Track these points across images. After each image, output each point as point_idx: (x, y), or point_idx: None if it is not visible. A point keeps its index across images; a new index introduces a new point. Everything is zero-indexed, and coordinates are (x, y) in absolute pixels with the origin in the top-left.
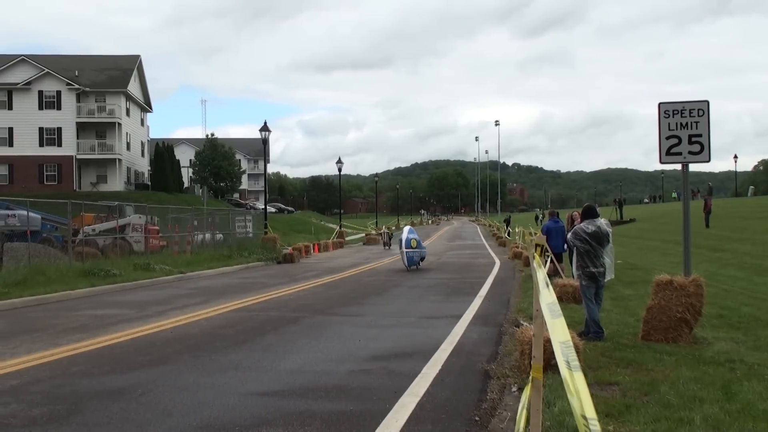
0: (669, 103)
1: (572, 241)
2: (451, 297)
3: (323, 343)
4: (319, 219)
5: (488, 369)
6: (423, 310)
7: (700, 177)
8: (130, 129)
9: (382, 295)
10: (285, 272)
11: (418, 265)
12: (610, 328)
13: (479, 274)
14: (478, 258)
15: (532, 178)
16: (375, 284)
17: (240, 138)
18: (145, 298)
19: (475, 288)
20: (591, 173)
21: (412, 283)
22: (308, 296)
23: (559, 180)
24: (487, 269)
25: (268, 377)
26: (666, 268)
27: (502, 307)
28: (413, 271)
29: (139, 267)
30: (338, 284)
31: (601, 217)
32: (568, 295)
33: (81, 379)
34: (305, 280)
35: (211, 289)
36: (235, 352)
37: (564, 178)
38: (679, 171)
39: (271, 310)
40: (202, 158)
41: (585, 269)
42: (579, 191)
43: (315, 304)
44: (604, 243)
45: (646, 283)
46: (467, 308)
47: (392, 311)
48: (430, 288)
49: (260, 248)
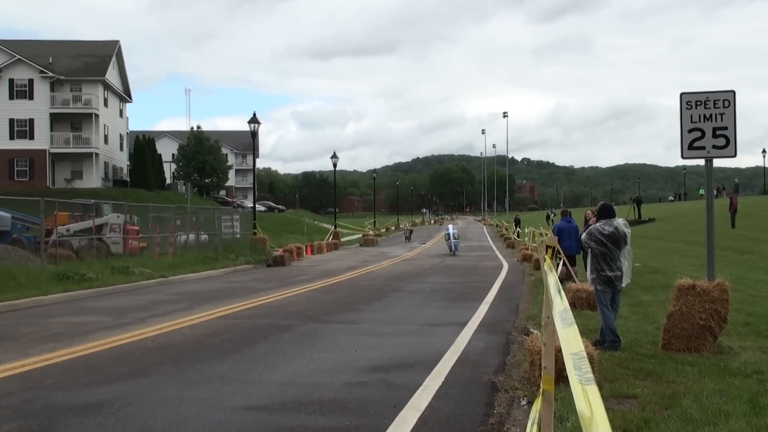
0: (691, 94)
1: (587, 242)
2: (455, 303)
3: (317, 353)
4: (312, 218)
5: (495, 381)
6: (425, 317)
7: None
8: (108, 121)
9: (380, 301)
10: (275, 276)
11: (457, 250)
12: (628, 336)
13: (486, 278)
14: (484, 260)
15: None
16: (373, 289)
17: (228, 131)
18: (124, 304)
19: (481, 293)
20: (607, 169)
21: (414, 288)
22: (301, 302)
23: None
24: (495, 273)
25: (257, 390)
26: (688, 272)
27: (510, 313)
28: (415, 275)
29: (118, 270)
30: (333, 289)
31: (618, 216)
32: (582, 300)
33: (55, 392)
34: (297, 284)
35: (195, 294)
36: (222, 362)
37: (578, 175)
38: (702, 167)
39: (260, 317)
40: (186, 152)
41: (600, 273)
42: (594, 188)
43: (308, 311)
44: (621, 245)
45: (667, 288)
46: (473, 315)
47: (392, 318)
48: (433, 293)
49: (248, 250)
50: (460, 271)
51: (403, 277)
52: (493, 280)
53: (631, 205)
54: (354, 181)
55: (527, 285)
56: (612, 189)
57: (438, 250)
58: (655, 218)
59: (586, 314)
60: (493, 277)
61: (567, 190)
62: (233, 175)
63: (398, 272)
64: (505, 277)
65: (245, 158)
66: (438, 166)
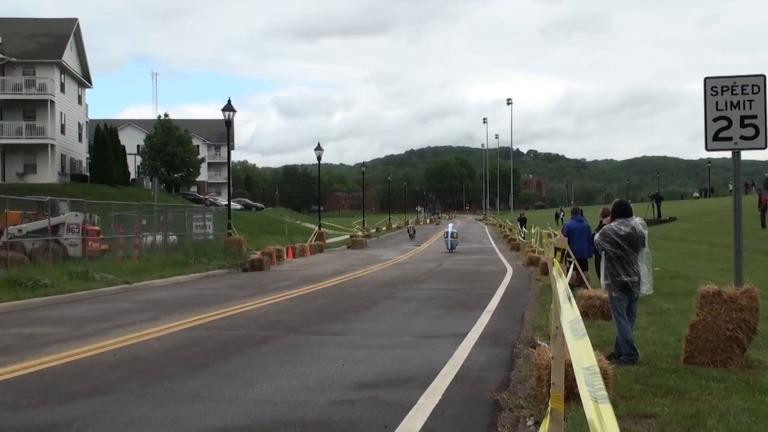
0: (717, 78)
1: (600, 244)
2: (453, 311)
3: (299, 368)
4: (293, 217)
5: (498, 398)
6: (420, 328)
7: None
8: (65, 108)
9: (370, 310)
10: (253, 282)
11: (454, 249)
12: (646, 349)
13: (487, 284)
14: (486, 264)
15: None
16: (362, 296)
17: (200, 119)
18: (83, 314)
19: (482, 301)
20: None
21: (407, 295)
22: (281, 311)
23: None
24: (497, 278)
25: (233, 409)
26: (713, 277)
27: (515, 323)
28: (409, 281)
29: (76, 276)
30: (317, 296)
31: (635, 215)
32: (595, 309)
33: (4, 413)
34: (277, 291)
35: (162, 302)
36: (193, 378)
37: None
38: (728, 159)
39: (235, 327)
40: (153, 144)
41: (615, 278)
42: (608, 184)
43: (289, 321)
44: (638, 247)
45: (690, 295)
46: (473, 325)
47: (383, 329)
48: (429, 301)
49: (223, 253)
50: (458, 277)
51: (395, 283)
52: (495, 286)
53: (650, 203)
54: (341, 175)
55: (534, 292)
56: (628, 184)
57: (434, 253)
58: (677, 217)
59: (599, 324)
60: (495, 283)
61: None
62: (205, 170)
63: (390, 278)
64: (509, 283)
65: (219, 150)
66: (435, 159)
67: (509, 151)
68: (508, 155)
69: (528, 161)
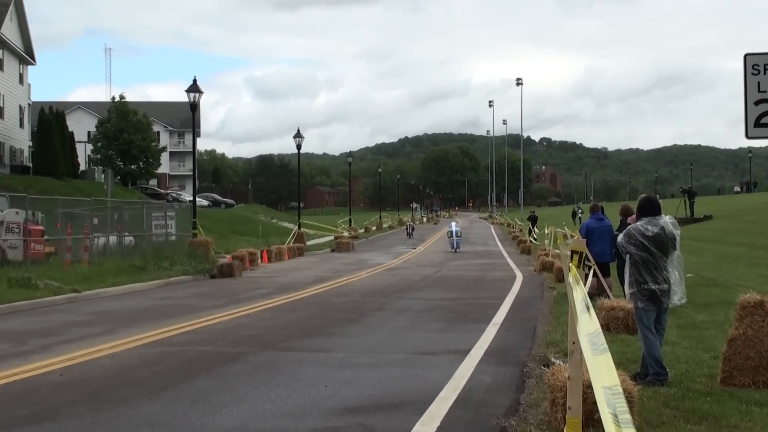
0: (760, 55)
1: (625, 246)
2: (454, 324)
3: (275, 390)
4: (269, 215)
5: (506, 425)
6: (416, 343)
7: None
8: (3, 88)
9: (358, 323)
10: (222, 290)
11: (458, 249)
12: (677, 368)
13: (494, 293)
14: (492, 270)
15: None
16: (348, 307)
17: (161, 102)
18: (25, 327)
19: (487, 312)
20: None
21: (401, 306)
22: (255, 324)
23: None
24: (505, 286)
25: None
26: (755, 285)
27: (525, 338)
28: (403, 289)
29: (16, 283)
30: (297, 307)
31: (665, 213)
32: (618, 321)
33: None
34: (251, 301)
35: (117, 314)
36: (152, 402)
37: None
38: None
39: (202, 343)
40: (107, 130)
41: (642, 286)
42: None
43: (264, 335)
44: (668, 250)
45: (727, 306)
46: (477, 340)
47: (373, 345)
48: (426, 312)
49: (187, 257)
50: (460, 284)
51: (386, 291)
52: (503, 295)
53: (682, 199)
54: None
55: (547, 302)
56: (657, 178)
57: (432, 257)
58: (713, 215)
59: (622, 339)
60: (503, 292)
61: (599, 179)
62: (167, 160)
63: (381, 285)
64: (519, 292)
65: (183, 138)
66: (433, 148)
67: (519, 139)
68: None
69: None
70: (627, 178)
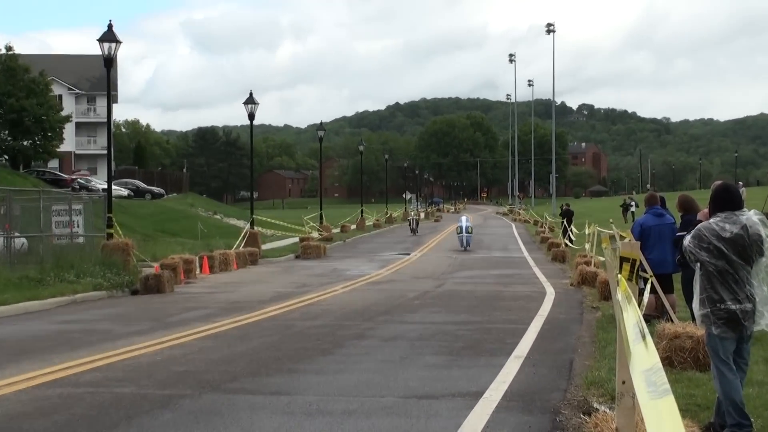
0: None
1: (693, 251)
2: (462, 357)
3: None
4: (211, 209)
5: None
6: (410, 383)
7: None
8: None
9: (331, 355)
10: (147, 311)
11: (469, 247)
12: (765, 416)
13: (516, 315)
14: (513, 283)
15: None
16: (318, 334)
17: (64, 55)
18: None
19: (507, 341)
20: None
21: (390, 332)
22: (192, 357)
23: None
24: (531, 305)
25: None
26: None
27: (558, 377)
28: (392, 310)
29: None
30: (248, 334)
31: (748, 207)
32: (684, 353)
33: None
34: (186, 325)
35: (4, 344)
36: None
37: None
38: None
39: (120, 383)
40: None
41: (717, 305)
42: (706, 157)
43: (205, 372)
44: (752, 256)
45: None
46: (493, 379)
47: (351, 385)
48: (424, 341)
49: (100, 266)
50: (470, 303)
51: (370, 312)
52: (528, 317)
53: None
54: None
55: (588, 326)
56: (738, 158)
57: (432, 265)
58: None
59: (690, 377)
60: (528, 313)
61: (658, 161)
62: (72, 134)
63: (363, 305)
64: (550, 313)
65: (94, 104)
66: (434, 119)
67: (550, 106)
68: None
69: (580, 122)
70: (697, 159)
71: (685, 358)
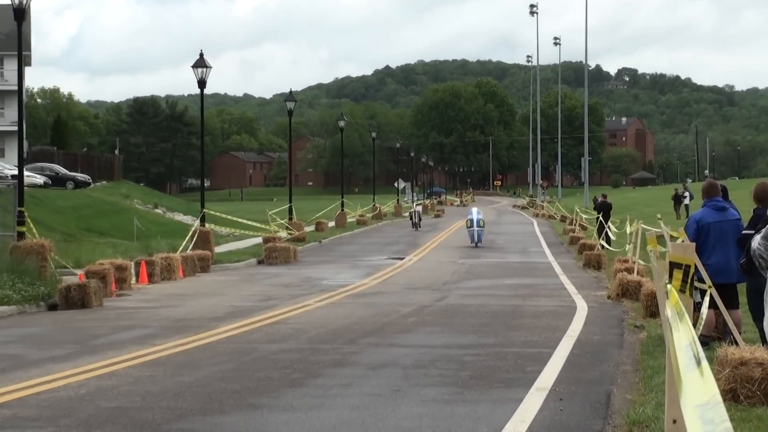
0: None
1: (765, 255)
2: (469, 390)
3: None
4: (151, 201)
5: None
6: (403, 424)
7: None
8: None
9: (304, 387)
10: (70, 331)
11: (480, 242)
12: None
13: (538, 336)
14: (534, 296)
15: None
16: (286, 361)
17: None
18: None
19: (527, 369)
20: None
21: (378, 358)
22: (125, 389)
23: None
24: (558, 323)
25: None
26: None
27: (592, 414)
28: (380, 330)
29: None
30: (198, 360)
31: None
32: (751, 384)
33: None
34: (117, 349)
35: None
36: None
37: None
38: None
39: (34, 422)
40: None
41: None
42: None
43: (142, 409)
44: None
45: None
46: (510, 417)
47: (329, 426)
48: (421, 369)
49: (8, 273)
50: (480, 320)
51: (353, 333)
52: (554, 339)
53: None
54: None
55: (630, 350)
56: None
57: (433, 273)
58: None
59: (760, 415)
60: (554, 333)
61: (719, 141)
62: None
63: (343, 323)
64: (582, 334)
65: (1, 67)
66: (434, 86)
67: (581, 71)
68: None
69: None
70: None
71: (753, 391)
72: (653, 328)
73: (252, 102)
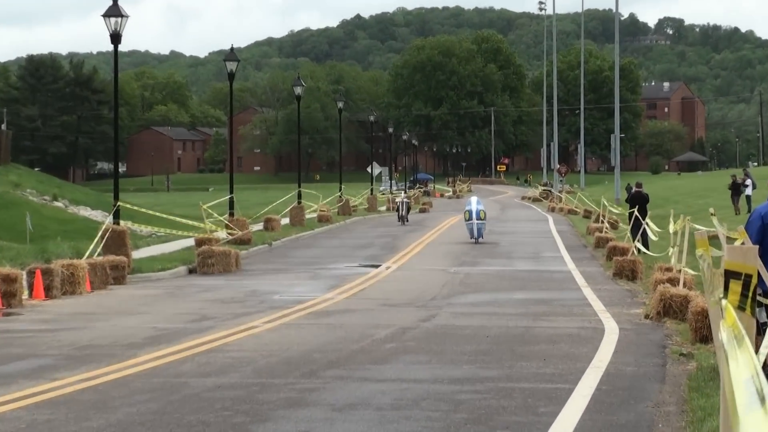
0: None
1: None
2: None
3: None
4: (48, 191)
5: None
6: None
7: None
8: None
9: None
10: None
11: (481, 238)
12: None
13: (554, 367)
14: (549, 315)
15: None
16: (229, 399)
17: None
18: None
19: (540, 410)
20: None
21: (345, 396)
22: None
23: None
24: (580, 350)
25: None
26: None
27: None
28: (348, 360)
29: None
30: (111, 398)
31: None
32: None
33: None
34: (4, 385)
35: None
36: None
37: None
38: None
39: None
40: None
41: None
42: None
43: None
44: None
45: None
46: None
47: None
48: (401, 410)
49: None
50: (479, 346)
51: (313, 363)
52: (574, 371)
53: None
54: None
55: (674, 385)
56: None
57: (419, 283)
58: None
59: None
60: (574, 363)
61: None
62: None
63: (300, 349)
64: (611, 365)
65: None
66: (418, 41)
67: (609, 21)
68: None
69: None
70: None
71: None
72: (704, 356)
73: (181, 62)
